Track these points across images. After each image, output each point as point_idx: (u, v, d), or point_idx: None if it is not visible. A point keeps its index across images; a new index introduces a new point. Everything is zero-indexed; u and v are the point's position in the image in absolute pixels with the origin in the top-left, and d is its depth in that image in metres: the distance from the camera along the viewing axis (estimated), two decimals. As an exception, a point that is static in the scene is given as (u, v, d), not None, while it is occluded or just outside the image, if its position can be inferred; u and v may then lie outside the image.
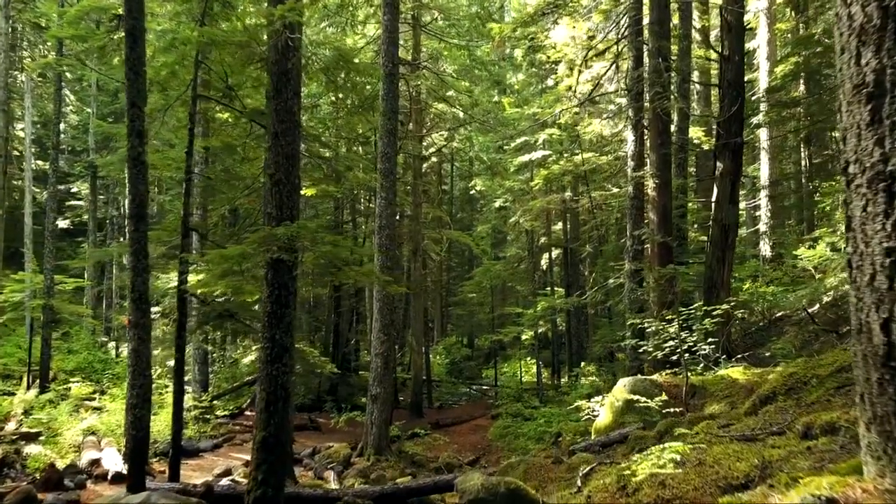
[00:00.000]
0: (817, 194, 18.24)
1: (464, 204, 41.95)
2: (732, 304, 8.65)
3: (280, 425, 6.54)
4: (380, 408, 13.83)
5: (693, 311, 8.17)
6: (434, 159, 30.18)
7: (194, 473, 11.87)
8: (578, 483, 4.37)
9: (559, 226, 26.33)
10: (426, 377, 23.59)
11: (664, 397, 7.34)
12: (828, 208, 18.67)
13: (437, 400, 24.74)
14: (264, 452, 6.45)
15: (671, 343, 8.46)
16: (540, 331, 26.56)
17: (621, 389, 8.43)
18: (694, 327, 8.24)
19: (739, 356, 9.21)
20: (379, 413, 13.82)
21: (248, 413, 18.23)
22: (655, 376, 8.64)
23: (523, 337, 26.48)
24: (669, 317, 8.26)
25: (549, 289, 27.36)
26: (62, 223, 32.57)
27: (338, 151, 21.51)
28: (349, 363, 27.16)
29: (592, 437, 8.79)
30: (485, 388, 27.47)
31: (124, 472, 10.98)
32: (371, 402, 13.95)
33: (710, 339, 8.61)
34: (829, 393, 4.79)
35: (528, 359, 29.10)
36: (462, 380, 29.96)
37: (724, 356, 9.26)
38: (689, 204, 18.94)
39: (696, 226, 20.00)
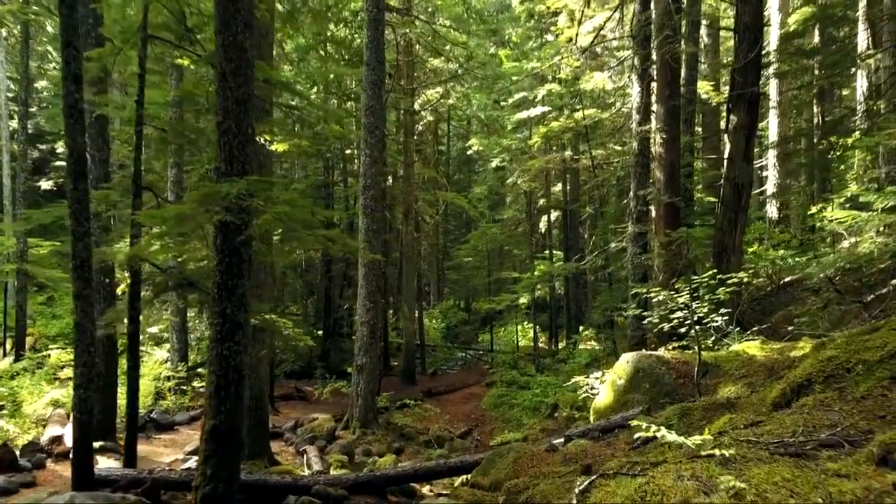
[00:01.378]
0: (832, 153, 17.23)
1: (461, 165, 40.79)
2: (750, 271, 7.75)
3: (232, 412, 5.69)
4: (366, 378, 13.06)
5: (706, 280, 7.26)
6: (430, 118, 29.03)
7: (165, 450, 11.15)
8: (574, 503, 3.52)
9: (558, 187, 25.29)
10: (419, 343, 22.88)
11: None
12: (842, 167, 17.67)
13: (432, 366, 24.07)
14: (214, 443, 5.62)
15: (679, 314, 7.58)
16: (538, 294, 25.76)
17: (624, 366, 7.58)
18: (706, 297, 7.34)
19: (755, 329, 8.34)
20: (365, 384, 13.06)
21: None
22: (662, 351, 7.79)
23: (520, 301, 25.74)
24: (679, 285, 7.35)
25: (547, 252, 26.50)
26: (46, 184, 31.45)
27: (322, 102, 20.40)
28: (341, 328, 26.44)
29: (591, 418, 7.99)
30: (480, 352, 26.83)
31: (88, 450, 10.25)
32: (357, 372, 13.18)
33: (721, 310, 7.73)
34: (882, 385, 3.91)
35: (526, 323, 28.39)
36: (458, 344, 29.30)
37: (738, 328, 8.39)
38: (696, 162, 17.91)
39: (700, 186, 18.99)
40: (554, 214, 26.75)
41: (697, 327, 7.17)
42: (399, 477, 7.07)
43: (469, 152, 34.22)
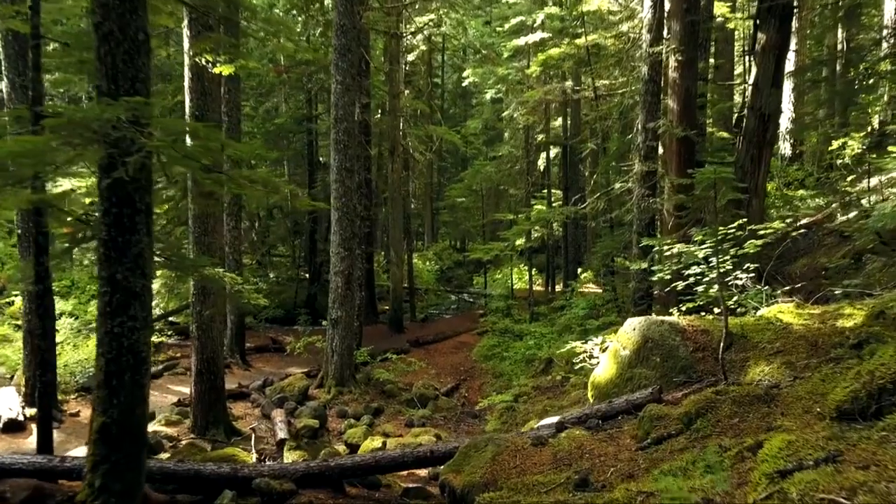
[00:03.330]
0: (860, 82, 15.56)
1: (456, 98, 38.82)
2: (788, 220, 6.41)
3: (129, 406, 4.44)
4: (341, 333, 11.89)
5: (732, 230, 5.88)
6: (423, 48, 27.06)
7: (115, 415, 10.01)
8: None
9: (558, 122, 23.57)
10: (409, 288, 21.70)
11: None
12: (870, 98, 16.04)
13: (423, 311, 22.98)
14: (105, 446, 4.39)
15: (696, 269, 6.25)
16: (535, 235, 24.41)
17: (630, 334, 6.31)
18: (731, 251, 5.99)
19: (787, 288, 7.03)
20: (341, 339, 11.89)
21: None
22: (675, 316, 6.51)
23: (517, 242, 24.47)
24: (699, 236, 6.00)
25: (545, 191, 25.00)
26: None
27: (303, 29, 18.52)
28: (328, 272, 25.23)
29: (589, 393, 6.79)
30: (474, 295, 25.76)
31: (21, 418, 9.14)
32: (332, 326, 11.99)
33: (746, 266, 6.41)
34: None
35: (522, 265, 27.16)
36: (451, 288, 28.18)
37: (766, 287, 7.08)
38: (708, 93, 16.20)
39: (710, 120, 17.34)
40: (553, 151, 25.13)
41: (720, 287, 5.85)
42: (357, 468, 5.91)
43: (464, 84, 32.26)
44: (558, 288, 22.35)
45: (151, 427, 9.12)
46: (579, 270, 22.18)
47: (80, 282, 18.88)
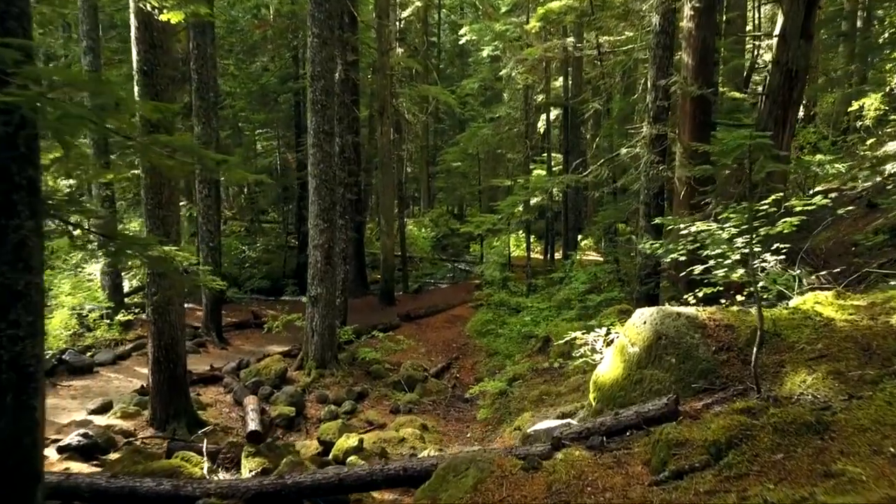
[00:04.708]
0: (891, 37, 14.40)
1: (454, 58, 37.30)
2: (832, 194, 5.43)
3: (11, 436, 3.52)
4: (322, 312, 10.99)
5: (765, 206, 4.90)
6: (418, 3, 25.63)
7: (72, 403, 9.16)
8: None
9: (559, 82, 22.30)
10: (402, 257, 20.77)
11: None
12: (893, 55, 14.89)
13: (417, 280, 22.08)
14: (-18, 486, 3.50)
15: (718, 250, 5.28)
16: (533, 202, 23.34)
17: (640, 328, 5.38)
18: (762, 231, 5.02)
19: (824, 273, 6.06)
20: (322, 318, 11.01)
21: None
22: (692, 307, 5.55)
23: (515, 210, 23.35)
24: (725, 214, 5.02)
25: (545, 155, 23.87)
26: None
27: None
28: (317, 241, 24.23)
29: (591, 395, 5.88)
30: (471, 264, 24.84)
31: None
32: (311, 304, 11.10)
33: (776, 246, 5.46)
34: None
35: (520, 233, 26.19)
36: (447, 256, 27.23)
37: (799, 270, 6.12)
38: (723, 49, 15.00)
39: (722, 79, 16.14)
40: (553, 113, 23.90)
41: (751, 274, 4.89)
42: (317, 487, 5.05)
43: (461, 42, 30.79)
44: (557, 256, 21.41)
45: (106, 419, 8.29)
46: (579, 238, 21.21)
47: (58, 251, 17.94)
